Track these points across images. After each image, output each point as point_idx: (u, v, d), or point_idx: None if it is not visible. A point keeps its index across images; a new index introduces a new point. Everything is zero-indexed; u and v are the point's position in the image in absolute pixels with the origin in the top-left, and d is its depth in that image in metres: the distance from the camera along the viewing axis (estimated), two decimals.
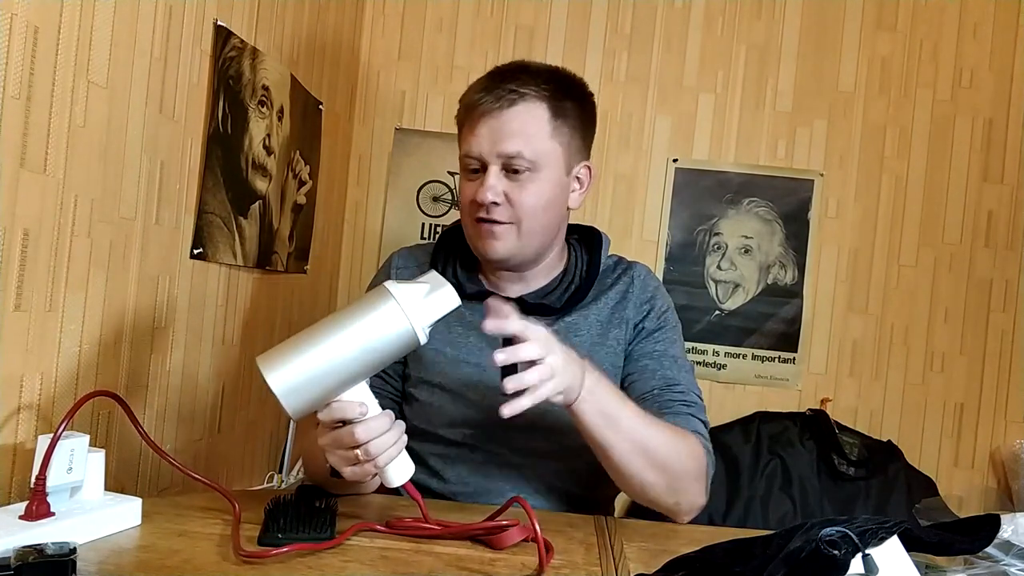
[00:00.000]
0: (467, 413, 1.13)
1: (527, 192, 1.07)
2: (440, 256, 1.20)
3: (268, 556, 0.78)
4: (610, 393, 0.98)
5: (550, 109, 1.08)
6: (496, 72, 1.11)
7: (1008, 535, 0.80)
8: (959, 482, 2.14)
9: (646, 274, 1.21)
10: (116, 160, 1.05)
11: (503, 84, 1.07)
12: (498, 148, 1.05)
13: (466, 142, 1.09)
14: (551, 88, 1.09)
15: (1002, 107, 2.16)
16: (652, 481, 1.00)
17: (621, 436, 0.97)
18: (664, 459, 0.99)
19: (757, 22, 2.20)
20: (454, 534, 0.89)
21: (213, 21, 1.28)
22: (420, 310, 0.83)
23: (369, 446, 0.83)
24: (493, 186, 1.06)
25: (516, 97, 1.06)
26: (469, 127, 1.09)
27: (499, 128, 1.06)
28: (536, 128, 1.07)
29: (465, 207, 1.11)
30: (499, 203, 1.06)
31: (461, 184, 1.13)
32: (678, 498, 1.03)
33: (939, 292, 2.16)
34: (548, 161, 1.08)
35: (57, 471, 0.78)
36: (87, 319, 1.01)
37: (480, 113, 1.07)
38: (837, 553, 0.58)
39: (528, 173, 1.07)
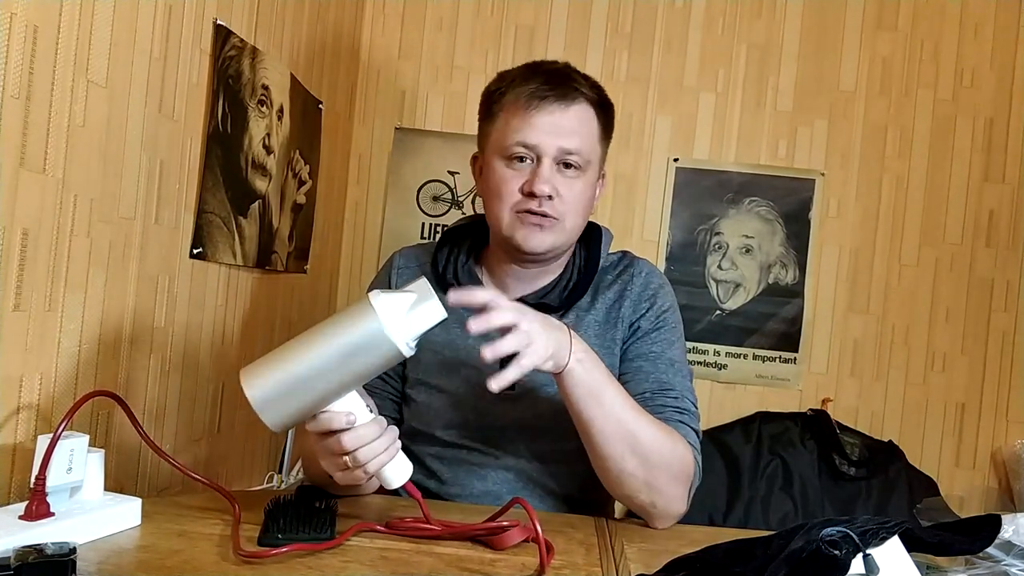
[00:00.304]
0: (465, 415, 1.12)
1: (575, 190, 1.09)
2: (442, 255, 1.19)
3: (268, 556, 0.77)
4: (599, 366, 0.97)
5: (598, 115, 1.12)
6: (546, 67, 1.12)
7: (1009, 535, 0.79)
8: (960, 482, 2.14)
9: (649, 271, 1.19)
10: (116, 160, 1.05)
11: (565, 82, 1.08)
12: (559, 142, 1.06)
13: (518, 131, 1.07)
14: (597, 95, 1.12)
15: (1003, 107, 2.16)
16: (630, 471, 0.98)
17: (605, 412, 0.96)
18: (647, 450, 0.98)
19: (757, 22, 2.19)
20: (454, 534, 0.89)
21: (213, 20, 1.28)
22: (404, 324, 0.80)
23: (357, 454, 0.83)
24: (550, 179, 1.06)
25: (577, 96, 1.09)
26: (524, 117, 1.07)
27: (561, 122, 1.07)
28: (590, 129, 1.10)
29: (506, 196, 1.09)
30: (553, 197, 1.07)
31: (499, 172, 1.09)
32: (654, 498, 1.00)
33: (940, 292, 2.16)
34: (593, 162, 1.11)
35: (57, 471, 0.78)
36: (87, 319, 1.01)
37: (544, 105, 1.07)
38: (838, 553, 0.58)
39: (577, 171, 1.09)
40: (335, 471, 0.86)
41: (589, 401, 0.96)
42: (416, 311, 0.82)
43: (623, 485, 1.00)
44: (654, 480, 0.99)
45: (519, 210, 1.08)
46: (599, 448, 0.98)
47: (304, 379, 0.79)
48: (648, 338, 1.13)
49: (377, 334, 0.79)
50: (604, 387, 0.97)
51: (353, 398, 0.84)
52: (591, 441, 0.99)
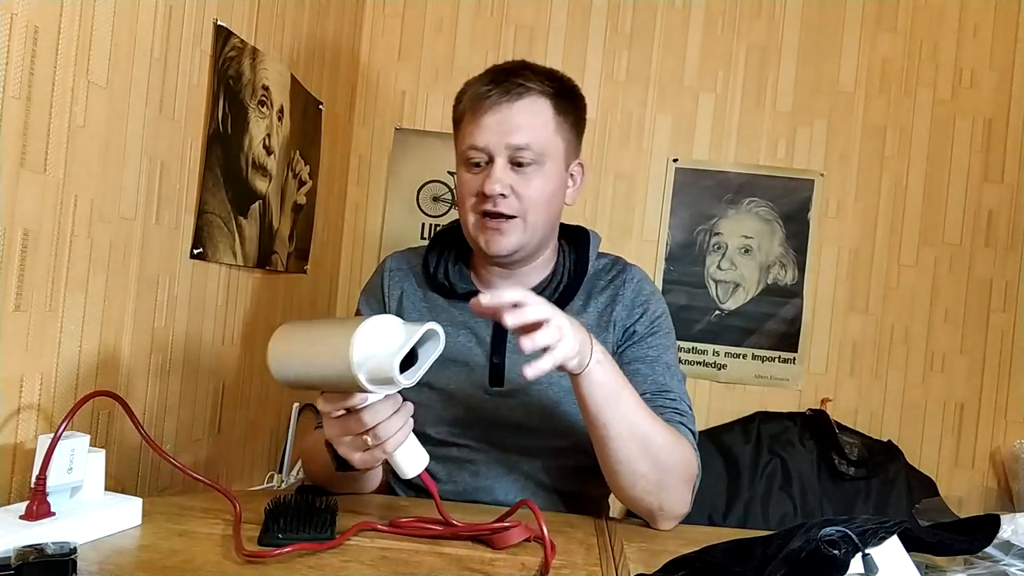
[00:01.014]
0: (455, 412, 1.13)
1: (532, 185, 1.08)
2: (432, 257, 1.20)
3: (271, 556, 0.77)
4: (615, 368, 0.97)
5: (553, 105, 1.10)
6: (499, 69, 1.12)
7: (1008, 535, 0.80)
8: (959, 482, 2.14)
9: (641, 278, 1.20)
10: (116, 160, 1.05)
11: (511, 79, 1.08)
12: (507, 139, 1.06)
13: (470, 135, 1.09)
14: (554, 86, 1.11)
15: (1002, 107, 2.16)
16: (644, 472, 0.98)
17: (620, 415, 0.96)
18: (658, 452, 0.98)
19: (757, 22, 2.20)
20: (455, 534, 0.89)
21: (213, 21, 1.28)
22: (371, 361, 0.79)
23: (377, 429, 0.84)
24: (501, 178, 1.06)
25: (524, 91, 1.08)
26: (474, 120, 1.08)
27: (508, 120, 1.07)
28: (542, 122, 1.09)
29: (466, 199, 1.11)
30: (507, 195, 1.07)
31: (461, 178, 1.12)
32: (663, 499, 1.01)
33: (939, 292, 2.16)
34: (551, 155, 1.10)
35: (57, 471, 0.79)
36: (87, 319, 1.01)
37: (488, 105, 1.07)
38: (837, 553, 0.58)
39: (534, 166, 1.08)
40: (354, 452, 0.87)
41: (607, 402, 0.96)
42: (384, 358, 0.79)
43: (635, 487, 1.00)
44: (665, 482, 1.00)
45: (478, 211, 1.09)
46: (614, 451, 0.98)
47: (302, 363, 0.84)
48: (644, 342, 1.14)
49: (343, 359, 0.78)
50: (621, 389, 0.97)
51: None
52: (606, 444, 0.98)
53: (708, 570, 0.67)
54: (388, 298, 1.20)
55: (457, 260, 1.20)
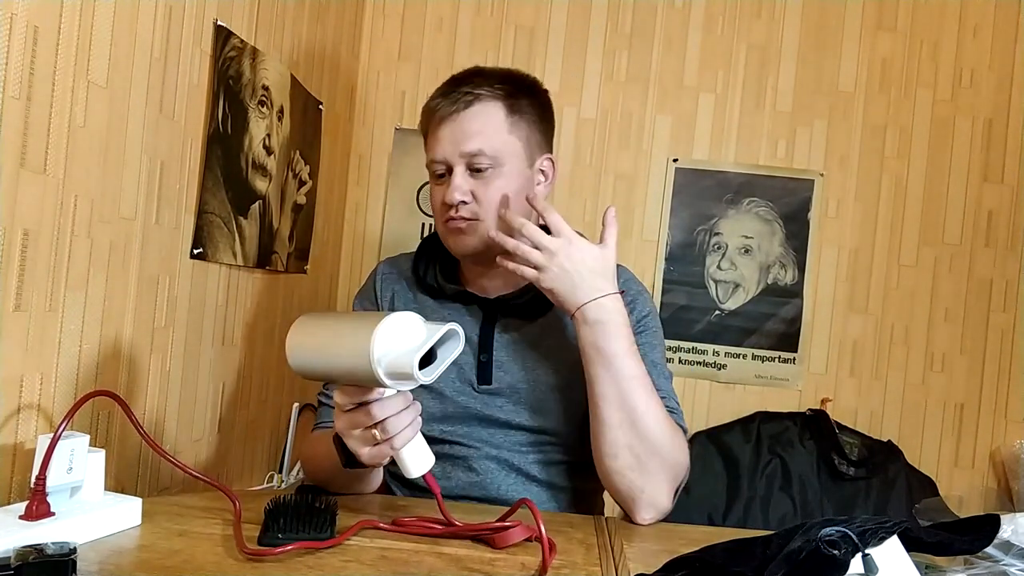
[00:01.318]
0: (445, 409, 1.14)
1: (492, 188, 1.11)
2: (421, 262, 1.23)
3: (274, 554, 0.77)
4: (616, 338, 1.02)
5: (505, 106, 1.12)
6: (451, 79, 1.16)
7: (1008, 535, 0.80)
8: (959, 482, 2.14)
9: (628, 278, 1.21)
10: (116, 160, 1.05)
11: (458, 88, 1.12)
12: (460, 148, 1.09)
13: (430, 149, 1.13)
14: (505, 87, 1.13)
15: (1002, 107, 2.16)
16: (625, 443, 1.01)
17: (608, 377, 1.01)
18: (645, 429, 1.01)
19: (757, 22, 2.20)
20: (456, 533, 0.89)
21: (213, 21, 1.28)
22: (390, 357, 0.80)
23: (386, 424, 0.86)
24: (459, 186, 1.10)
25: (471, 99, 1.11)
26: (431, 133, 1.13)
27: (458, 129, 1.10)
28: (494, 126, 1.11)
29: (436, 210, 1.15)
30: (467, 201, 1.10)
31: (431, 190, 1.16)
32: (644, 481, 1.02)
33: (939, 292, 2.16)
34: (509, 156, 1.12)
35: (57, 471, 0.79)
36: (87, 319, 1.01)
37: (439, 118, 1.11)
38: (837, 553, 0.58)
39: (491, 170, 1.10)
40: (363, 447, 0.89)
41: (594, 359, 1.02)
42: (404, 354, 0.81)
43: (616, 458, 1.02)
44: (648, 461, 1.01)
45: (444, 219, 1.13)
46: (599, 411, 1.02)
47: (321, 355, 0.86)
48: None
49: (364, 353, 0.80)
50: (615, 355, 1.02)
51: None
52: (593, 401, 1.03)
53: (708, 570, 0.67)
54: (380, 300, 1.23)
55: (445, 262, 1.22)
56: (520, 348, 1.15)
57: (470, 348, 1.15)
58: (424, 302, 1.21)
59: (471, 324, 1.16)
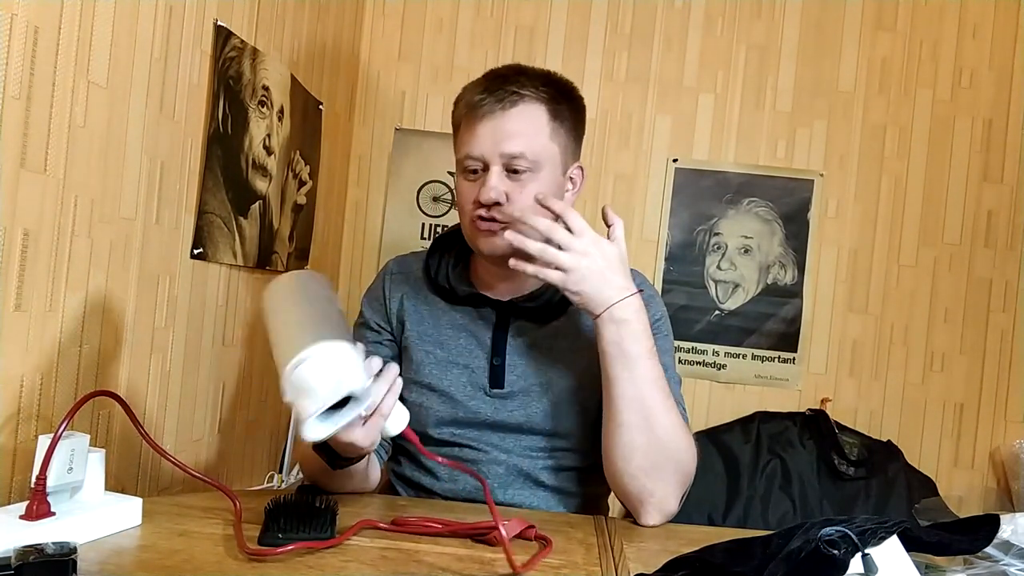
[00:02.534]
0: (455, 413, 1.13)
1: (527, 192, 1.08)
2: (433, 260, 1.21)
3: (275, 553, 0.77)
4: (639, 338, 1.00)
5: (548, 111, 1.10)
6: (493, 74, 1.12)
7: (1007, 535, 0.80)
8: (959, 482, 2.14)
9: (640, 281, 1.20)
10: (116, 160, 1.05)
11: (504, 86, 1.08)
12: (500, 148, 1.06)
13: (466, 143, 1.09)
14: (549, 91, 1.11)
15: (1002, 107, 2.16)
16: (640, 445, 1.00)
17: (628, 377, 0.99)
18: (661, 434, 1.00)
19: (757, 22, 2.20)
20: (454, 532, 0.89)
21: (213, 21, 1.28)
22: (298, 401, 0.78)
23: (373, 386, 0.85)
24: (495, 186, 1.06)
25: (517, 98, 1.07)
26: (469, 128, 1.09)
27: (501, 128, 1.07)
28: (537, 129, 1.08)
29: (465, 207, 1.12)
30: (501, 203, 1.07)
31: (459, 185, 1.13)
32: (655, 486, 1.01)
33: (939, 292, 2.16)
34: (547, 162, 1.09)
35: (57, 471, 0.78)
36: (87, 319, 1.01)
37: (482, 114, 1.07)
38: (836, 553, 0.58)
39: (529, 173, 1.08)
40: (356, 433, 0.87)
41: (617, 361, 1.00)
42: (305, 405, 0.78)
43: (629, 460, 1.01)
44: (660, 466, 1.00)
45: (474, 218, 1.10)
46: (616, 412, 1.01)
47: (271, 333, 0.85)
48: None
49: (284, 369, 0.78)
50: (637, 356, 1.00)
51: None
52: (610, 401, 1.01)
53: (708, 570, 0.67)
54: (389, 300, 1.21)
55: (457, 263, 1.20)
56: (533, 351, 1.14)
57: (483, 352, 1.14)
58: (435, 304, 1.19)
59: (484, 328, 1.15)
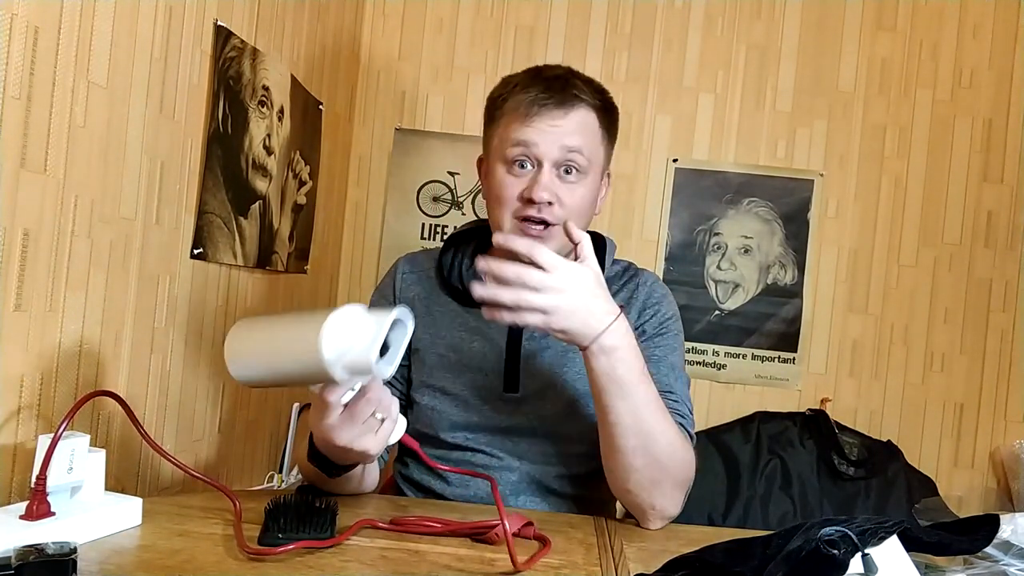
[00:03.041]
0: (468, 417, 1.13)
1: (577, 194, 1.08)
2: (446, 260, 1.20)
3: (275, 553, 0.77)
4: (630, 362, 0.95)
5: (599, 119, 1.11)
6: (550, 74, 1.11)
7: (1007, 535, 0.80)
8: (959, 482, 2.14)
9: (653, 281, 1.21)
10: (116, 160, 1.05)
11: (566, 88, 1.08)
12: (561, 141, 1.06)
13: (520, 132, 1.07)
14: (600, 99, 1.12)
15: (1002, 107, 2.16)
16: (638, 467, 0.98)
17: (625, 407, 0.95)
18: (660, 452, 0.98)
19: (757, 22, 2.20)
20: (453, 531, 0.89)
21: (213, 21, 1.28)
22: (344, 349, 0.78)
23: (383, 399, 0.86)
24: (548, 185, 1.05)
25: (577, 102, 1.08)
26: (523, 121, 1.07)
27: (563, 127, 1.06)
28: (592, 133, 1.10)
29: (505, 202, 1.08)
30: (552, 203, 1.06)
31: (500, 178, 1.09)
32: (655, 498, 1.01)
33: (939, 292, 2.16)
34: (594, 165, 1.10)
35: (57, 471, 0.79)
36: (87, 319, 1.01)
37: (541, 111, 1.06)
38: (836, 553, 0.58)
39: (579, 175, 1.08)
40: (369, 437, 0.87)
41: (611, 391, 0.95)
42: (361, 351, 0.79)
43: (628, 480, 1.00)
44: (660, 481, 1.00)
45: (519, 216, 1.08)
46: (613, 439, 0.98)
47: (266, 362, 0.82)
48: (652, 342, 1.14)
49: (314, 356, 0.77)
50: (631, 383, 0.95)
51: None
52: (606, 429, 0.98)
53: (708, 570, 0.67)
54: (399, 301, 1.19)
55: (472, 265, 1.19)
56: (547, 354, 1.14)
57: (497, 356, 1.13)
58: (448, 306, 1.18)
59: (498, 331, 1.14)
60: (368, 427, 0.87)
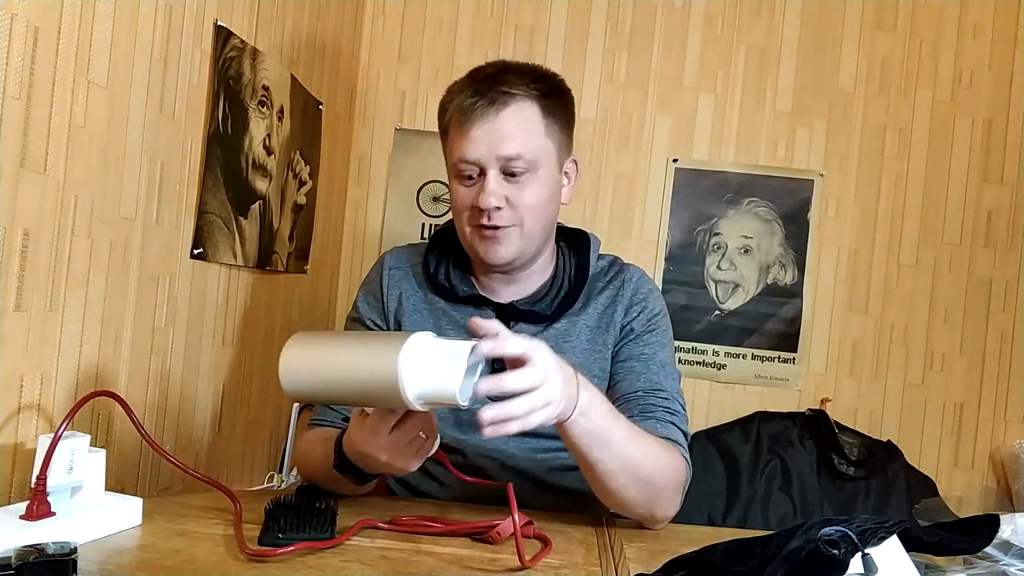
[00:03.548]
0: (459, 417, 1.13)
1: (527, 193, 1.06)
2: (432, 258, 1.20)
3: (276, 554, 0.77)
4: (602, 412, 0.91)
5: (541, 108, 1.08)
6: (480, 74, 1.09)
7: (1007, 535, 0.80)
8: (959, 482, 2.14)
9: (639, 277, 1.19)
10: (116, 160, 1.05)
11: (494, 87, 1.05)
12: (497, 151, 1.04)
13: (459, 147, 1.07)
14: (540, 87, 1.08)
15: (1002, 107, 2.16)
16: (633, 496, 0.98)
17: (609, 455, 0.93)
18: (649, 476, 0.97)
19: (757, 22, 2.20)
20: (453, 531, 0.89)
21: (213, 21, 1.28)
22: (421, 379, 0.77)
23: (432, 419, 0.88)
24: (495, 191, 1.04)
25: (509, 98, 1.05)
26: (461, 132, 1.06)
27: (495, 130, 1.04)
28: (531, 128, 1.06)
29: (461, 212, 1.09)
30: (501, 207, 1.05)
31: (455, 190, 1.10)
32: (653, 510, 1.01)
33: (939, 292, 2.16)
34: (544, 160, 1.08)
35: (58, 471, 0.79)
36: (87, 319, 1.01)
37: (474, 117, 1.05)
38: (836, 553, 0.58)
39: (527, 174, 1.06)
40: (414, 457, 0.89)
41: (593, 446, 0.91)
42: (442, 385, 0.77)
43: (625, 506, 1.00)
44: (656, 497, 1.00)
45: (474, 224, 1.08)
46: (601, 483, 0.96)
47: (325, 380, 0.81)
48: (640, 340, 1.13)
49: (391, 375, 0.76)
50: (608, 430, 0.92)
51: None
52: (593, 477, 0.96)
53: (708, 570, 0.67)
54: (387, 297, 1.19)
55: (457, 262, 1.19)
56: None
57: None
58: (435, 303, 1.18)
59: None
60: (413, 446, 0.88)
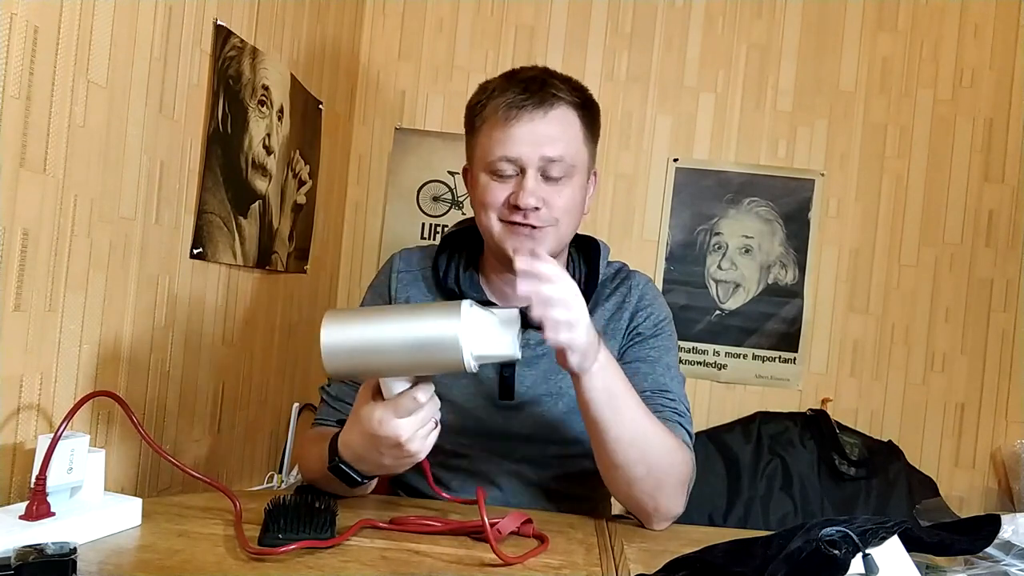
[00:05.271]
0: (465, 424, 1.13)
1: (563, 196, 1.07)
2: (442, 260, 1.19)
3: (277, 553, 0.77)
4: (619, 377, 0.96)
5: (580, 116, 1.09)
6: (525, 76, 1.10)
7: (1008, 535, 0.80)
8: (960, 482, 2.14)
9: (645, 283, 1.20)
10: (116, 160, 1.05)
11: (544, 88, 1.06)
12: (541, 151, 1.05)
13: (500, 144, 1.06)
14: (579, 96, 1.10)
15: (1002, 107, 2.16)
16: (640, 476, 0.98)
17: (621, 420, 0.95)
18: (657, 458, 0.98)
19: (757, 22, 2.20)
20: (453, 531, 0.90)
21: (213, 21, 1.28)
22: (478, 340, 0.83)
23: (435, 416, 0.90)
24: (534, 191, 1.05)
25: (556, 101, 1.06)
26: (502, 129, 1.06)
27: (541, 131, 1.05)
28: (573, 133, 1.08)
29: (492, 208, 1.08)
30: (539, 208, 1.06)
31: (484, 185, 1.09)
32: (659, 501, 1.01)
33: (940, 292, 2.16)
34: (579, 166, 1.09)
35: (57, 471, 0.79)
36: (87, 319, 1.01)
37: (521, 115, 1.05)
38: (837, 553, 0.58)
39: (564, 178, 1.07)
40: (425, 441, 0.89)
41: (607, 406, 0.94)
42: (494, 336, 0.85)
43: (631, 488, 1.00)
44: (662, 486, 1.00)
45: (506, 220, 1.08)
46: (611, 455, 0.97)
47: (373, 349, 0.83)
48: (647, 343, 1.14)
49: (451, 337, 0.81)
50: (623, 395, 0.95)
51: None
52: (605, 446, 0.97)
53: (708, 570, 0.67)
54: (395, 301, 1.19)
55: (468, 266, 1.19)
56: (543, 361, 1.13)
57: (492, 363, 1.12)
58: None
59: None
60: (428, 429, 0.89)
